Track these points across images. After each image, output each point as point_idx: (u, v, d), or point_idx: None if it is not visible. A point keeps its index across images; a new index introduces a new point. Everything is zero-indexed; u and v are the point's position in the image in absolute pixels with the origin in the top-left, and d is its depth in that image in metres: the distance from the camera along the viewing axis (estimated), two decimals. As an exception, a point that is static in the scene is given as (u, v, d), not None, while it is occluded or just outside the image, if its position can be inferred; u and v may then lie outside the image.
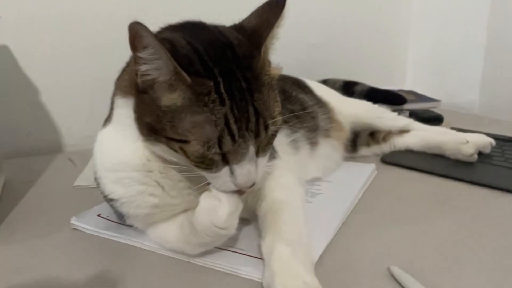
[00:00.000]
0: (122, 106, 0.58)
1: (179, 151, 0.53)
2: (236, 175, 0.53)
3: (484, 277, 0.56)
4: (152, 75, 0.51)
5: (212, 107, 0.50)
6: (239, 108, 0.51)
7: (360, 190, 0.82)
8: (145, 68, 0.51)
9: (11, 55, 1.08)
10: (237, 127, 0.51)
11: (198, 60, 0.52)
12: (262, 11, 0.58)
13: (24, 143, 1.15)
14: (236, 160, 0.52)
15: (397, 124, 1.07)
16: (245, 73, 0.53)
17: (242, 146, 0.52)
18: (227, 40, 0.55)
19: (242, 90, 0.52)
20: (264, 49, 0.56)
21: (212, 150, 0.51)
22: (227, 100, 0.50)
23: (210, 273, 0.58)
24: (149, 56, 0.50)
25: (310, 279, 0.51)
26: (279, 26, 0.56)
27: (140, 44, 0.49)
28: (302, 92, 0.99)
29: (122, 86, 0.59)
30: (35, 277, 0.59)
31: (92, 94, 1.18)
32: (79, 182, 0.92)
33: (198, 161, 0.53)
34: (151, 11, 1.20)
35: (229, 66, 0.52)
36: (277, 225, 0.60)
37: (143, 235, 0.66)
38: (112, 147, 0.61)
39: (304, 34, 1.47)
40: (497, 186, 0.83)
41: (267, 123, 0.53)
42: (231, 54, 0.54)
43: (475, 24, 1.46)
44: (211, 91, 0.50)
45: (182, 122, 0.50)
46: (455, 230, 0.69)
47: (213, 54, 0.53)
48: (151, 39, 0.48)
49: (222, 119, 0.50)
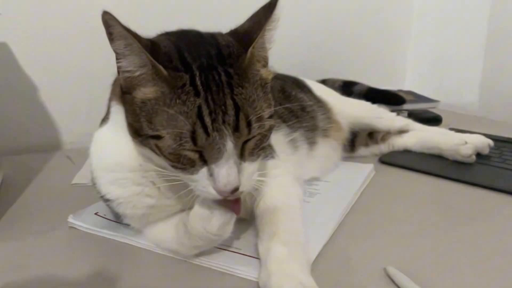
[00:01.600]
0: (118, 112, 0.58)
1: (155, 149, 0.52)
2: (215, 177, 0.50)
3: (480, 277, 0.56)
4: (130, 71, 0.51)
5: (185, 98, 0.49)
6: (215, 100, 0.49)
7: (358, 190, 0.82)
8: (123, 64, 0.51)
9: (10, 53, 1.08)
10: (211, 119, 0.48)
11: (178, 57, 0.52)
12: (255, 15, 0.58)
13: (22, 140, 1.15)
14: (213, 158, 0.50)
15: (396, 124, 1.07)
16: (227, 68, 0.51)
17: (217, 140, 0.49)
18: (215, 42, 0.55)
19: (220, 83, 0.50)
20: (253, 49, 0.54)
21: (185, 145, 0.49)
22: (202, 92, 0.49)
23: (207, 272, 0.58)
24: (123, 49, 0.50)
25: (306, 279, 0.50)
26: (271, 28, 0.55)
27: (112, 36, 0.49)
28: (302, 91, 0.99)
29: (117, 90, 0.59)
30: (32, 275, 0.59)
31: (90, 92, 1.18)
32: (77, 180, 0.92)
33: (174, 159, 0.51)
34: (151, 10, 1.20)
35: (209, 62, 0.52)
36: (274, 225, 0.60)
37: (140, 234, 0.66)
38: (108, 147, 0.61)
39: (303, 34, 1.47)
40: (495, 187, 0.83)
41: (250, 119, 0.51)
42: (215, 52, 0.53)
43: (475, 25, 1.46)
44: (186, 83, 0.49)
45: (156, 117, 0.50)
46: (452, 230, 0.69)
47: (194, 52, 0.53)
48: (119, 29, 0.48)
49: (195, 110, 0.48)
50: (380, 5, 1.66)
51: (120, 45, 0.50)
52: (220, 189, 0.50)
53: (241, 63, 0.53)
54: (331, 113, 1.00)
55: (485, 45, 1.44)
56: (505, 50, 1.40)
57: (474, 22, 1.47)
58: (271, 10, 0.55)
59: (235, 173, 0.50)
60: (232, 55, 0.53)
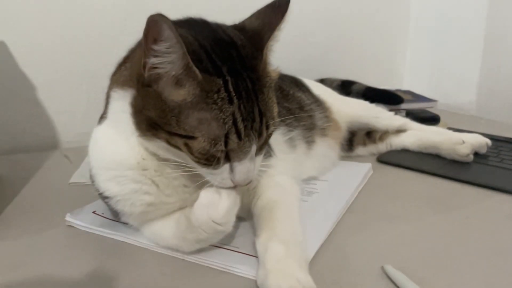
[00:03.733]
0: (118, 99, 0.58)
1: (182, 147, 0.52)
2: (236, 172, 0.54)
3: (477, 276, 0.57)
4: (162, 69, 0.51)
5: (221, 105, 0.50)
6: (246, 108, 0.52)
7: (355, 189, 0.82)
8: (157, 61, 0.51)
9: (8, 51, 1.08)
10: (243, 126, 0.52)
11: (207, 57, 0.52)
12: (264, 13, 0.59)
13: (19, 139, 1.15)
14: (239, 158, 0.53)
15: (394, 123, 1.07)
16: (250, 74, 0.54)
17: (247, 144, 0.53)
18: (231, 40, 0.56)
19: (248, 90, 0.53)
20: (265, 51, 0.56)
21: (218, 147, 0.51)
22: (235, 99, 0.51)
23: (205, 270, 0.58)
24: (164, 50, 0.49)
25: (304, 278, 0.51)
26: (280, 29, 0.57)
27: (158, 37, 0.49)
28: (300, 90, 0.99)
29: (120, 80, 0.59)
30: (29, 274, 0.59)
31: (88, 91, 1.18)
32: (74, 179, 0.92)
33: (201, 158, 0.53)
34: (149, 8, 1.19)
35: (235, 66, 0.53)
36: (272, 223, 0.60)
37: (138, 233, 0.66)
38: (106, 144, 0.61)
39: (302, 33, 1.47)
40: (492, 186, 0.83)
41: (268, 124, 0.55)
42: (236, 54, 0.54)
43: (473, 25, 1.47)
44: (221, 89, 0.51)
45: (188, 118, 0.51)
46: (449, 229, 0.69)
47: (219, 53, 0.53)
48: (171, 33, 0.48)
49: (230, 117, 0.51)
50: (378, 6, 1.67)
51: (163, 47, 0.49)
52: (238, 182, 0.55)
53: (258, 67, 0.55)
54: (329, 112, 1.00)
55: (483, 45, 1.44)
56: (502, 50, 1.40)
57: (472, 22, 1.47)
58: (282, 11, 0.57)
59: (253, 169, 0.56)
60: (250, 58, 0.55)
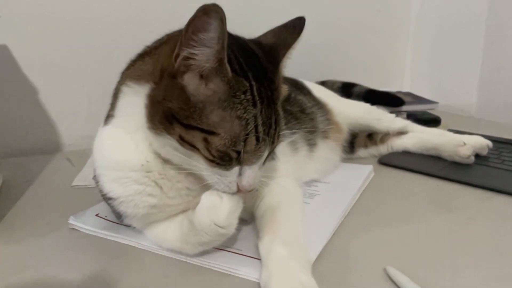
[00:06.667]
0: (130, 93, 0.58)
1: (198, 142, 0.52)
2: (244, 176, 0.55)
3: (479, 277, 0.57)
4: (196, 60, 0.51)
5: (246, 105, 0.52)
6: (266, 114, 0.54)
7: (357, 191, 0.82)
8: (194, 52, 0.51)
9: (10, 55, 1.08)
10: (262, 130, 0.53)
11: (235, 59, 0.53)
12: (279, 32, 0.62)
13: (22, 142, 1.15)
14: (251, 162, 0.55)
15: (395, 125, 1.07)
16: (269, 84, 0.56)
17: (262, 149, 0.55)
18: (253, 51, 0.58)
19: (268, 98, 0.55)
20: (281, 66, 0.59)
21: (236, 147, 0.52)
22: (258, 103, 0.53)
23: (208, 273, 0.58)
24: (206, 41, 0.50)
25: (307, 280, 0.51)
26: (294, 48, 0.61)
27: (204, 26, 0.49)
28: (301, 93, 1.00)
29: (136, 74, 0.58)
30: (32, 277, 0.59)
31: (90, 94, 1.18)
32: (77, 182, 0.92)
33: (217, 156, 0.53)
34: (151, 12, 1.20)
35: (257, 74, 0.55)
36: (274, 226, 0.60)
37: (140, 235, 0.66)
38: (111, 145, 0.61)
39: (303, 35, 1.47)
40: (493, 188, 0.84)
41: (280, 133, 0.57)
42: (258, 64, 0.56)
43: (473, 27, 1.47)
44: (247, 90, 0.53)
45: (213, 113, 0.51)
46: (451, 231, 0.69)
47: (246, 59, 0.55)
48: (220, 25, 0.48)
49: (253, 119, 0.52)
50: (378, 8, 1.67)
51: (206, 37, 0.49)
52: (245, 187, 0.55)
53: (276, 80, 0.58)
54: (331, 115, 1.00)
55: (483, 46, 1.44)
56: (502, 51, 1.40)
57: (472, 23, 1.47)
58: (298, 31, 0.62)
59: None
60: (269, 70, 0.57)
